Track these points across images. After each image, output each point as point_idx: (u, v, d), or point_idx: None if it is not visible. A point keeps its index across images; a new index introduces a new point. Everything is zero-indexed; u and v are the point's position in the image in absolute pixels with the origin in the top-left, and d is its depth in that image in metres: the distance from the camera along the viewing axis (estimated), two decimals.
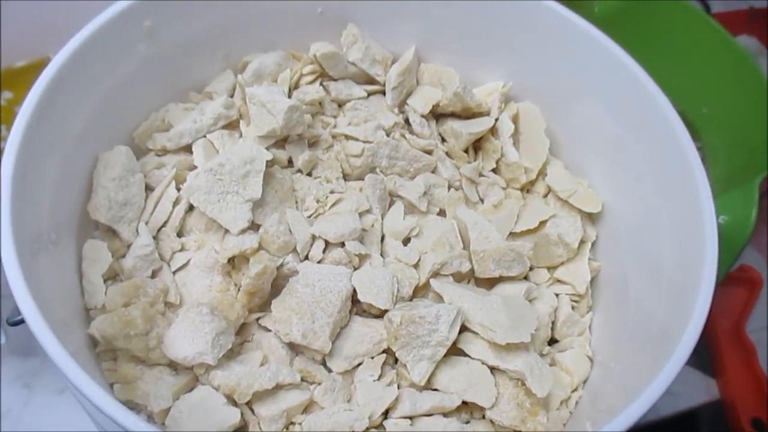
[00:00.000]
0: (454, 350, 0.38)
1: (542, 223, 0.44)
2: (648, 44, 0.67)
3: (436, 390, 0.38)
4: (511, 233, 0.44)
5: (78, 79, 0.38)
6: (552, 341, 0.43)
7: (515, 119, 0.47)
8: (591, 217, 0.45)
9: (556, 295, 0.43)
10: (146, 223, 0.40)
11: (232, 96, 0.46)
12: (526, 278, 0.44)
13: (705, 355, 0.62)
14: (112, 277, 0.39)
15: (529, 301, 0.42)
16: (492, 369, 0.38)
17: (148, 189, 0.41)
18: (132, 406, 0.35)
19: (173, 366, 0.36)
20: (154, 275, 0.39)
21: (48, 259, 0.35)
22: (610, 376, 0.39)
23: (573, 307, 0.43)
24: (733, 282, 0.63)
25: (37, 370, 0.54)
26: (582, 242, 0.44)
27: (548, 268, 0.45)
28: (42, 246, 0.35)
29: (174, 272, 0.39)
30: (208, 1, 0.43)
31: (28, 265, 0.31)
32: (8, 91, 0.63)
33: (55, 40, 0.63)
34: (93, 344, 0.37)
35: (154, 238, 0.40)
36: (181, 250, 0.40)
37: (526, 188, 0.47)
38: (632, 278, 0.42)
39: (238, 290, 0.38)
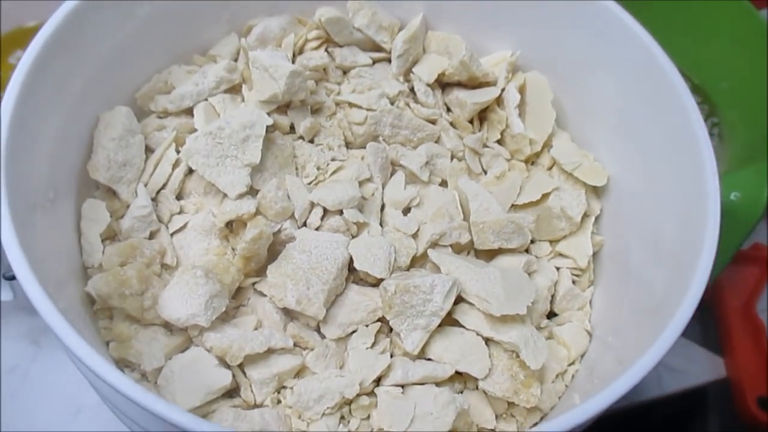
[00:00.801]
0: (450, 321, 0.38)
1: (545, 196, 0.43)
2: (669, 16, 0.65)
3: (429, 360, 0.37)
4: (513, 205, 0.43)
5: (78, 38, 0.38)
6: (552, 315, 0.43)
7: (522, 89, 0.46)
8: (596, 191, 0.45)
9: (557, 268, 0.43)
10: (145, 185, 0.40)
11: (236, 60, 0.46)
12: (527, 251, 0.43)
13: (713, 334, 0.62)
14: (110, 237, 0.39)
15: (529, 274, 0.41)
16: (487, 340, 0.38)
17: (149, 150, 0.41)
18: (126, 364, 0.36)
19: (168, 326, 0.37)
20: (151, 237, 0.39)
21: (45, 216, 0.35)
22: (607, 350, 0.39)
23: (574, 282, 0.43)
24: (745, 260, 0.62)
25: (45, 327, 0.54)
26: (586, 216, 0.44)
27: (550, 242, 0.44)
28: (39, 203, 0.35)
29: (171, 234, 0.39)
30: None
31: (22, 221, 0.31)
32: (20, 50, 0.63)
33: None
34: (90, 302, 0.37)
35: (153, 200, 0.40)
36: (180, 212, 0.40)
37: (531, 160, 0.46)
38: (634, 252, 0.42)
39: (235, 254, 0.39)
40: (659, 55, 0.40)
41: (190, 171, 0.41)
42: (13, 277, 0.39)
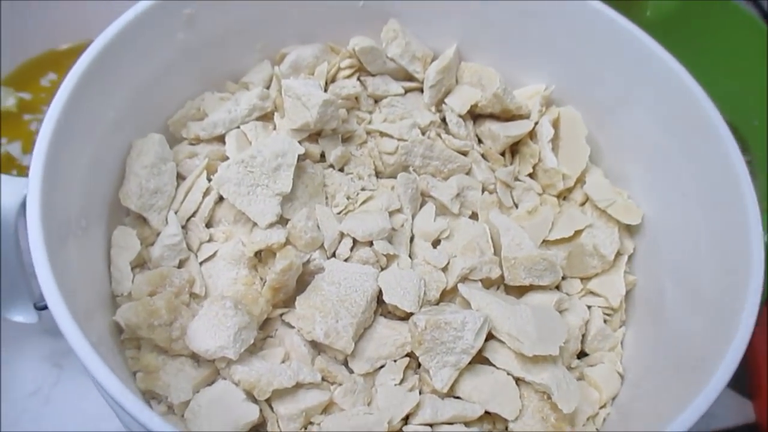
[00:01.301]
0: (479, 358, 0.37)
1: (578, 233, 0.42)
2: (699, 52, 0.64)
3: (458, 398, 0.37)
4: (544, 241, 0.43)
5: (115, 66, 0.38)
6: (582, 354, 0.42)
7: (555, 124, 0.46)
8: (629, 229, 0.44)
9: (588, 307, 0.42)
10: (176, 212, 0.40)
11: (268, 87, 0.46)
12: (558, 288, 0.43)
13: (742, 376, 0.60)
14: (140, 264, 0.39)
15: (560, 312, 0.41)
16: (517, 380, 0.37)
17: (180, 177, 0.41)
18: (153, 395, 0.35)
19: (195, 357, 0.36)
20: (180, 265, 0.39)
21: (77, 244, 0.35)
22: (641, 396, 0.38)
23: (605, 321, 0.42)
24: None
25: (68, 350, 0.54)
26: (618, 254, 0.43)
27: (582, 279, 0.43)
28: (71, 231, 0.35)
29: (201, 263, 0.39)
30: None
31: (56, 251, 0.31)
32: (53, 73, 0.64)
33: (97, 23, 0.64)
34: (118, 331, 0.37)
35: (183, 227, 0.40)
36: (209, 240, 0.40)
37: (563, 195, 0.46)
38: (669, 295, 0.41)
39: (264, 284, 0.38)
40: (698, 93, 0.40)
41: (220, 199, 0.40)
42: (45, 307, 0.39)
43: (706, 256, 0.38)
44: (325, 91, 0.45)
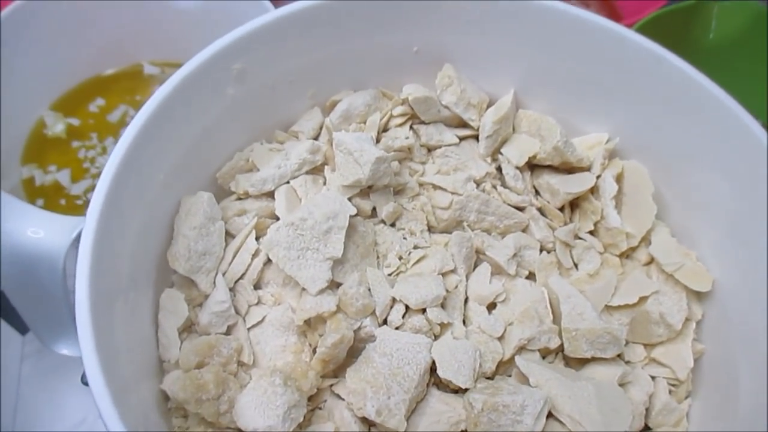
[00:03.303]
0: None
1: (642, 299, 0.40)
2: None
3: None
4: (606, 306, 0.40)
5: (165, 126, 0.37)
6: (644, 428, 0.39)
7: (619, 178, 0.43)
8: (698, 293, 0.41)
9: (652, 377, 0.40)
10: (224, 274, 0.39)
11: (318, 136, 0.44)
12: (619, 355, 0.40)
13: None
14: (187, 327, 0.38)
15: (622, 385, 0.38)
16: None
17: (229, 235, 0.40)
18: None
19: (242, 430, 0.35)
20: (228, 331, 0.38)
21: (125, 306, 0.34)
22: None
23: (670, 392, 0.40)
24: None
25: None
26: (686, 320, 0.40)
27: (645, 345, 0.41)
28: (119, 294, 0.34)
29: (249, 329, 0.38)
30: (299, 41, 0.41)
31: (101, 320, 0.31)
32: (100, 98, 0.64)
33: (142, 48, 0.64)
34: (165, 397, 0.36)
35: (231, 289, 0.39)
36: (258, 303, 0.39)
37: (626, 254, 0.43)
38: (743, 367, 0.38)
39: (313, 351, 0.37)
40: None
41: (269, 259, 0.39)
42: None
43: None
44: (378, 140, 0.43)
